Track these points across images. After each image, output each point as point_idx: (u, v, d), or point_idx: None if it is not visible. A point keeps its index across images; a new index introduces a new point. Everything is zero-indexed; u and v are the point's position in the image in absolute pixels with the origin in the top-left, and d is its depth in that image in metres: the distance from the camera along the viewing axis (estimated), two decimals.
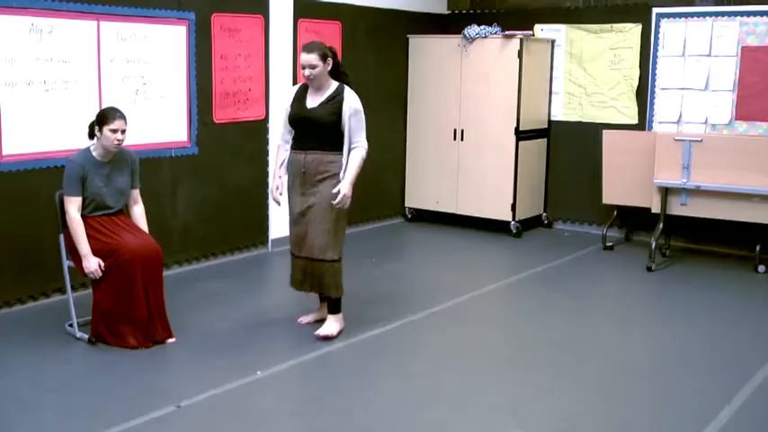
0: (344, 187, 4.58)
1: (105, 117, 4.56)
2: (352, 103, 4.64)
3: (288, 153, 4.82)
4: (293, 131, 4.76)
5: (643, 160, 6.84)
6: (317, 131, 4.65)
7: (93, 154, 4.62)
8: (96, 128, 4.59)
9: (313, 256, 4.77)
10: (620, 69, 7.48)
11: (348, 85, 4.72)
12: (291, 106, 4.74)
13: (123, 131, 4.57)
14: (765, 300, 5.87)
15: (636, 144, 6.97)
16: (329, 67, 4.61)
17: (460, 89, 7.79)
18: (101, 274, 4.48)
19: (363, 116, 4.68)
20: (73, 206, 4.53)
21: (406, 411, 3.85)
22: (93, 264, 4.47)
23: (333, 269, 4.78)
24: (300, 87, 4.79)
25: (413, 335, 5.00)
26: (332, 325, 4.83)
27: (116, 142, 4.56)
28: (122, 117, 4.58)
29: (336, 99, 4.63)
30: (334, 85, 4.68)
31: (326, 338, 4.74)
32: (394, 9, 7.86)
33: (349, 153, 4.65)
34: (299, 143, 4.74)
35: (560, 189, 7.97)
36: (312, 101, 4.68)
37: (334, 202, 4.58)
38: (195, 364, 4.40)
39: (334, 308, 4.87)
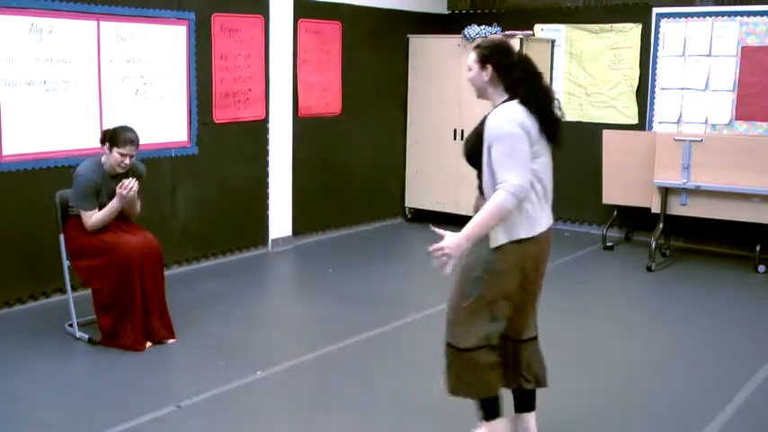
0: (449, 239, 3.16)
1: (117, 139, 4.50)
2: (489, 125, 3.19)
3: None
4: None
5: (643, 160, 6.84)
6: (474, 168, 3.38)
7: (105, 167, 4.58)
8: (108, 143, 4.54)
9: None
10: (620, 69, 7.48)
11: (523, 98, 3.25)
12: None
13: (132, 156, 4.55)
14: (765, 300, 5.87)
15: (636, 144, 6.97)
16: (487, 77, 3.28)
17: (460, 89, 7.78)
18: (133, 192, 4.48)
19: (513, 143, 3.14)
20: (87, 217, 4.54)
21: (406, 411, 3.85)
22: (122, 193, 4.47)
23: (448, 354, 3.40)
24: None
25: (413, 335, 5.00)
26: None
27: (122, 165, 4.52)
28: (134, 143, 4.53)
29: (484, 122, 3.27)
30: (501, 100, 3.30)
31: None
32: (394, 9, 7.86)
33: None
34: None
35: (560, 189, 7.91)
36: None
37: (429, 251, 3.21)
38: (195, 364, 4.40)
39: (480, 412, 3.44)
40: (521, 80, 3.27)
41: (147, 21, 5.72)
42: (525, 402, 3.47)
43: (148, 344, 4.56)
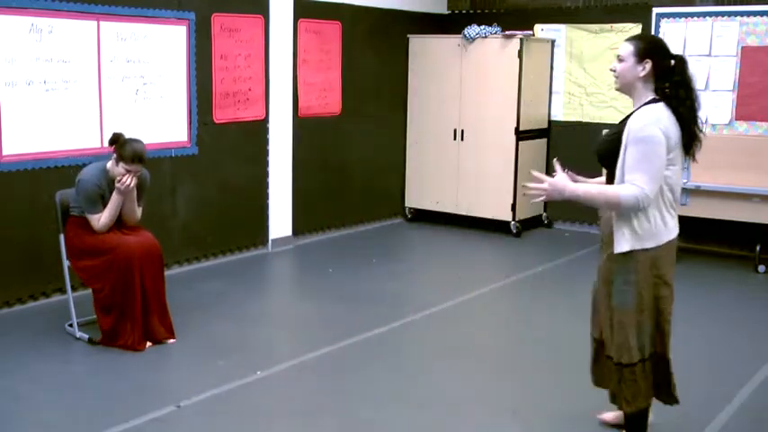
0: (556, 180, 3.26)
1: (125, 155, 4.48)
2: (634, 125, 3.10)
3: None
4: None
5: None
6: (604, 169, 3.34)
7: (110, 175, 4.57)
8: (116, 153, 4.52)
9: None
10: None
11: (673, 101, 3.15)
12: None
13: (137, 172, 4.53)
14: (765, 300, 5.86)
15: None
16: (642, 73, 3.16)
17: (460, 89, 7.79)
18: (130, 182, 4.48)
19: (651, 148, 3.05)
20: (95, 220, 4.54)
21: (406, 411, 3.85)
22: (123, 179, 4.47)
23: (617, 373, 3.34)
24: None
25: (413, 335, 5.00)
26: None
27: (120, 180, 4.49)
28: (141, 161, 4.52)
29: (626, 121, 3.20)
30: (645, 99, 3.21)
31: None
32: (394, 9, 7.86)
33: None
34: None
35: None
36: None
37: (527, 184, 3.31)
38: (195, 364, 4.40)
39: (626, 425, 3.47)
40: (677, 83, 3.15)
41: (147, 21, 5.72)
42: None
43: (148, 344, 4.56)
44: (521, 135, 7.54)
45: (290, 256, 6.83)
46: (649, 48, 3.19)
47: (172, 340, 4.66)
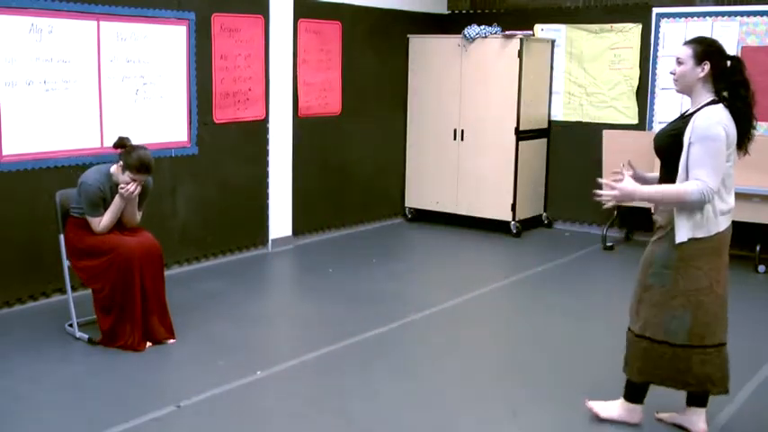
0: (626, 183, 3.42)
1: (132, 164, 4.46)
2: (699, 123, 3.29)
3: None
4: None
5: (643, 160, 6.80)
6: (660, 161, 3.54)
7: (114, 180, 4.57)
8: (122, 160, 4.50)
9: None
10: (621, 69, 7.48)
11: (732, 100, 3.37)
12: None
13: (139, 186, 4.53)
14: (765, 300, 5.86)
15: (636, 144, 6.96)
16: (702, 74, 3.36)
17: (460, 89, 7.79)
18: (134, 189, 4.48)
19: (715, 146, 3.27)
20: (96, 223, 4.54)
21: (406, 411, 3.85)
22: (127, 187, 4.47)
23: (630, 341, 3.60)
24: None
25: (413, 335, 5.00)
26: (611, 406, 3.76)
27: (124, 187, 4.49)
28: (149, 171, 4.52)
29: (689, 117, 3.38)
30: (705, 99, 3.40)
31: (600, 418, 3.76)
32: (394, 9, 7.86)
33: None
34: None
35: (560, 189, 7.97)
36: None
37: (599, 187, 3.50)
38: (195, 364, 4.40)
39: (625, 391, 3.72)
40: (736, 83, 3.35)
41: (147, 21, 5.72)
42: (699, 398, 3.64)
43: (148, 344, 4.56)
44: (521, 135, 7.54)
45: (290, 256, 6.83)
46: (707, 50, 3.38)
47: (172, 340, 4.66)
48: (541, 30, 7.88)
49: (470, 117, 7.76)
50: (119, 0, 5.51)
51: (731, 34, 6.87)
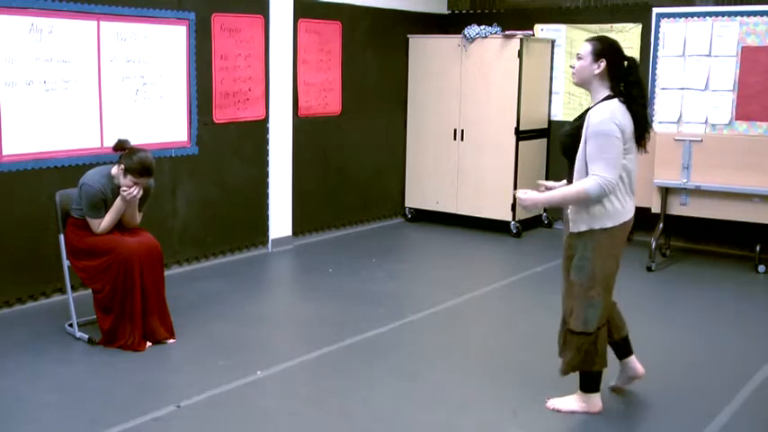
0: (531, 195, 3.65)
1: (133, 167, 4.45)
2: (592, 119, 3.48)
3: None
4: None
5: (643, 160, 6.79)
6: (567, 161, 3.72)
7: (115, 182, 4.56)
8: (122, 163, 4.49)
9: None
10: None
11: (627, 98, 3.54)
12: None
13: (141, 188, 4.53)
14: (765, 300, 5.87)
15: None
16: (599, 71, 3.55)
17: (460, 89, 7.79)
18: (137, 193, 4.48)
19: (609, 140, 3.44)
20: (96, 225, 4.55)
21: (406, 411, 3.85)
22: (130, 190, 4.47)
23: (576, 341, 3.76)
24: None
25: (413, 335, 5.00)
26: (570, 401, 3.89)
27: (127, 191, 4.49)
28: (150, 174, 4.53)
29: (585, 115, 3.58)
30: (602, 95, 3.59)
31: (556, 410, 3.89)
32: (394, 9, 7.86)
33: None
34: None
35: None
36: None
37: (516, 193, 3.72)
38: (195, 364, 4.40)
39: (581, 383, 3.87)
40: (631, 83, 3.54)
41: (147, 21, 5.72)
42: (625, 347, 4.00)
43: (148, 344, 4.57)
44: (521, 135, 7.54)
45: (290, 256, 6.83)
46: (605, 48, 3.56)
47: (172, 340, 4.67)
48: (541, 30, 7.88)
49: (470, 117, 7.77)
50: (119, 0, 5.51)
51: (731, 34, 6.87)
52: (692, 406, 3.98)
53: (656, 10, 7.25)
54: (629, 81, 3.55)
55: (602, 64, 3.54)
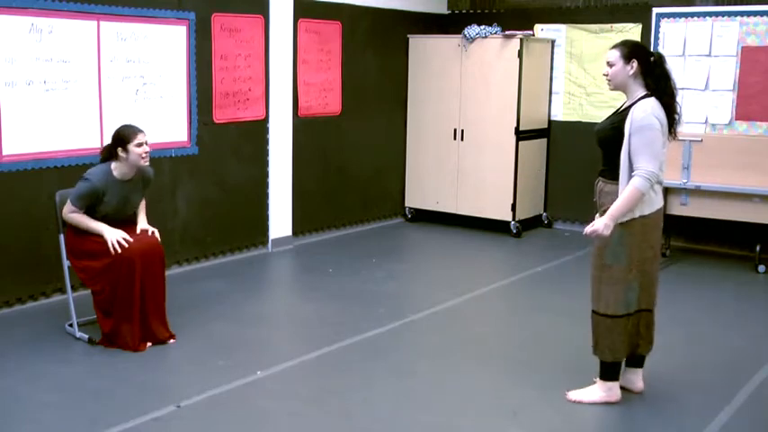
0: (598, 222, 3.72)
1: (127, 135, 4.50)
2: (636, 116, 3.67)
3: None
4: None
5: None
6: (601, 151, 3.90)
7: (114, 174, 4.57)
8: (119, 149, 4.52)
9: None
10: None
11: (657, 92, 3.76)
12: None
13: (147, 143, 4.55)
14: (765, 300, 5.87)
15: None
16: (632, 71, 3.75)
17: (460, 89, 7.79)
18: (126, 244, 4.47)
19: (653, 135, 3.64)
20: (69, 210, 4.54)
21: (406, 412, 3.85)
22: (114, 235, 4.46)
23: (597, 322, 3.89)
24: None
25: (413, 335, 5.00)
26: (591, 391, 4.00)
27: (144, 155, 4.52)
28: (142, 131, 4.56)
29: (627, 111, 3.75)
30: (639, 93, 3.78)
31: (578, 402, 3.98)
32: (394, 9, 7.86)
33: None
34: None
35: (560, 189, 7.97)
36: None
37: (586, 232, 3.78)
38: (195, 364, 4.40)
39: (602, 372, 3.98)
40: (658, 76, 3.76)
41: (147, 21, 5.72)
42: (638, 359, 4.04)
43: (148, 344, 4.57)
44: (521, 135, 7.54)
45: (290, 256, 6.83)
46: (632, 49, 3.80)
47: (172, 340, 4.67)
48: (541, 30, 7.88)
49: (470, 117, 7.77)
50: (119, 0, 5.51)
51: (731, 34, 6.87)
52: (692, 406, 3.98)
53: (656, 10, 7.25)
54: (656, 75, 3.76)
55: (635, 64, 3.74)
